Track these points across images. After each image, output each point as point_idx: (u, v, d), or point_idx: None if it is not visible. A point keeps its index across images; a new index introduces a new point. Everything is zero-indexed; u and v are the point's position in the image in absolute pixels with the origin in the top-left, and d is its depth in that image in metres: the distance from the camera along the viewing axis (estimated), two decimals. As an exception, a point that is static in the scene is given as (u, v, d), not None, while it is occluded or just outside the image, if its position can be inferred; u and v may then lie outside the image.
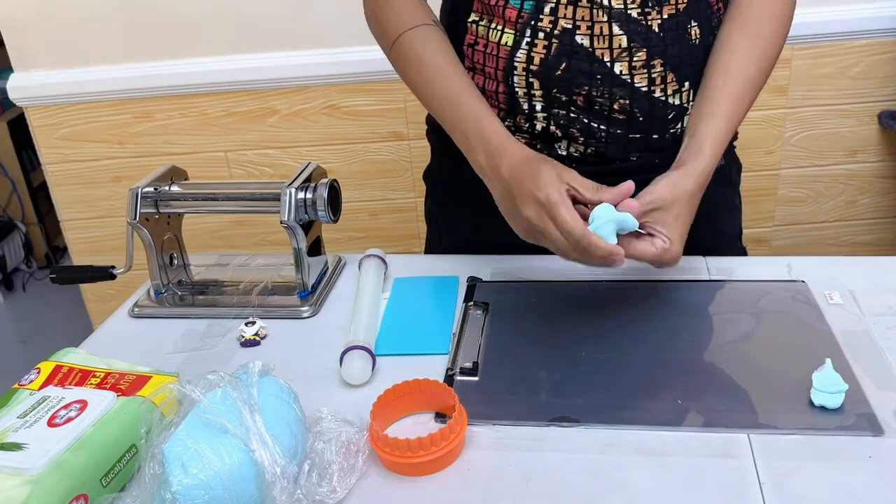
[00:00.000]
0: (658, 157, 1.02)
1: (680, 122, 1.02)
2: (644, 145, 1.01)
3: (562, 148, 1.03)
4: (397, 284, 1.07)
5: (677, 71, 0.98)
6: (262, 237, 2.08)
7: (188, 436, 0.66)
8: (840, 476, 0.70)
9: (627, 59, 0.96)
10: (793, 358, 0.85)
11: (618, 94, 0.97)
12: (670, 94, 0.99)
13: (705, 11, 0.99)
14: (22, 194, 3.21)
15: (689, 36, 0.98)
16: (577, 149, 1.02)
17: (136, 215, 1.03)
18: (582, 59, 0.96)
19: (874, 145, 1.95)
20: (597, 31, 0.95)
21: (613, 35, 0.95)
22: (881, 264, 1.03)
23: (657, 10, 0.95)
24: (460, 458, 0.75)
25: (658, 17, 0.96)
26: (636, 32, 0.95)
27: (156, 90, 1.91)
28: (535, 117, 1.01)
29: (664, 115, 1.00)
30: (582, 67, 0.96)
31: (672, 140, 1.02)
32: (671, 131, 1.02)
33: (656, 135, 1.01)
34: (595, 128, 1.00)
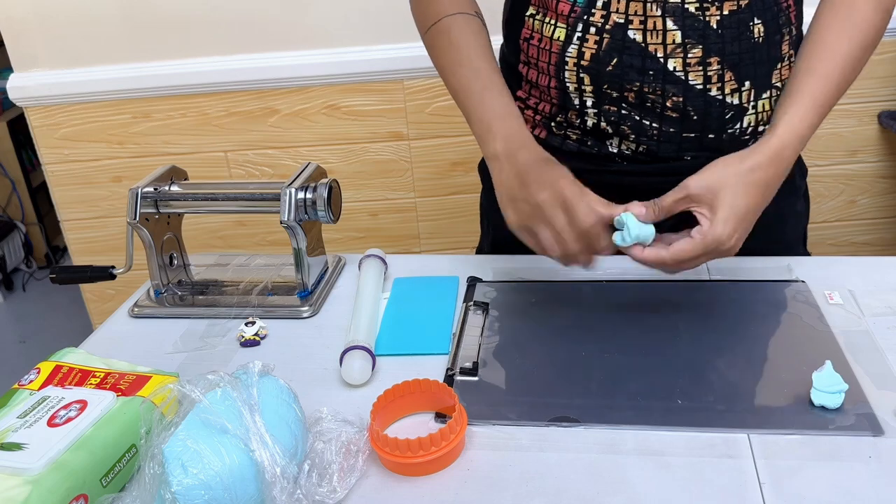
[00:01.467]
0: (714, 158, 0.97)
1: (739, 122, 0.98)
2: (699, 144, 0.98)
3: (613, 145, 1.01)
4: (397, 284, 1.07)
5: (736, 69, 0.95)
6: (262, 237, 2.08)
7: (188, 436, 0.66)
8: (840, 476, 0.70)
9: (682, 56, 0.93)
10: (793, 358, 0.85)
11: (671, 91, 0.95)
12: (728, 93, 0.96)
13: (772, 9, 0.96)
14: (22, 194, 3.21)
15: (751, 33, 0.94)
16: (628, 146, 1.00)
17: (135, 215, 1.03)
18: (634, 55, 0.94)
19: (874, 145, 1.95)
20: (650, 25, 0.93)
21: (667, 30, 0.93)
22: (881, 264, 1.03)
23: (717, 5, 0.92)
24: (460, 458, 0.75)
25: (717, 13, 0.93)
26: (692, 28, 0.93)
27: (156, 90, 1.91)
28: (586, 113, 1.00)
29: (721, 114, 0.97)
30: (634, 63, 0.94)
31: (730, 140, 0.99)
32: (729, 131, 0.98)
33: (712, 134, 0.98)
34: (647, 125, 0.98)
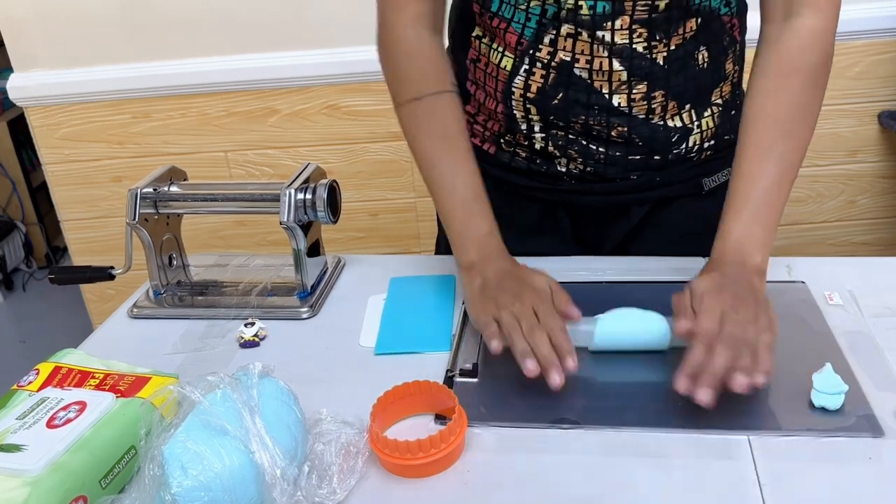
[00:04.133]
0: (659, 176, 1.03)
1: (684, 142, 1.01)
2: (644, 165, 1.01)
3: (561, 165, 1.02)
4: (394, 284, 1.07)
5: (679, 98, 0.97)
6: (262, 237, 2.08)
7: (188, 437, 0.66)
8: (840, 477, 0.70)
9: (626, 92, 0.95)
10: (793, 359, 0.85)
11: (615, 123, 0.97)
12: (669, 118, 0.98)
13: (717, 32, 0.97)
14: (22, 194, 3.21)
15: (695, 62, 0.97)
16: (576, 167, 1.02)
17: (135, 216, 1.03)
18: (580, 91, 0.95)
19: (874, 145, 1.95)
20: (596, 65, 0.94)
21: (613, 70, 0.94)
22: (881, 265, 1.03)
23: (664, 42, 0.93)
24: (460, 459, 0.75)
25: (665, 49, 0.94)
26: (639, 67, 0.94)
27: (156, 90, 1.91)
28: (533, 137, 1.01)
29: (666, 138, 0.99)
30: (579, 98, 0.96)
31: (676, 159, 1.01)
32: (674, 151, 1.01)
33: (658, 156, 1.00)
34: (593, 150, 0.99)
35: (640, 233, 1.08)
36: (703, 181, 1.05)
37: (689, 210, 1.07)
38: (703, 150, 1.03)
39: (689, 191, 1.05)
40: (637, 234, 1.08)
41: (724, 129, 1.03)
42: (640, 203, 1.06)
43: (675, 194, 1.05)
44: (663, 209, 1.07)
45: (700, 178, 1.05)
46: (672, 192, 1.05)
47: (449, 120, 0.97)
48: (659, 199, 1.06)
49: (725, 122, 1.03)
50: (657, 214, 1.07)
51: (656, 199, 1.06)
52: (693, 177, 1.04)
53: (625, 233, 1.09)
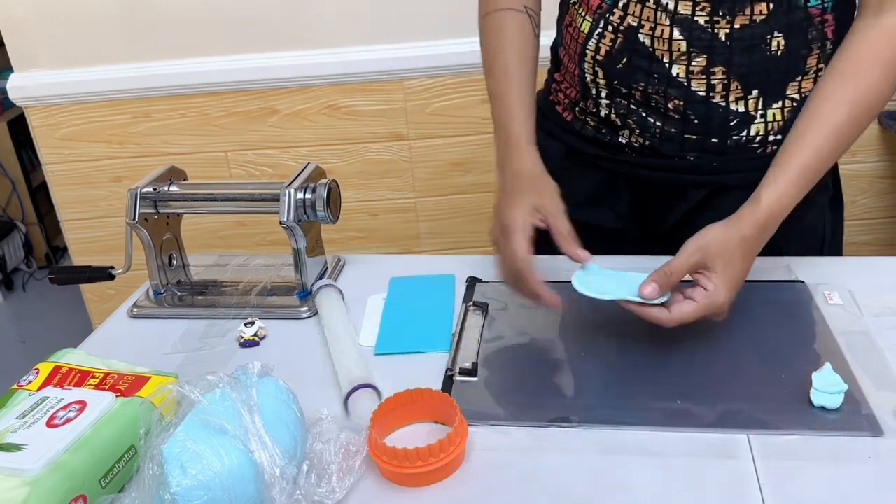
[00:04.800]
0: (717, 161, 1.02)
1: (745, 129, 0.99)
2: (701, 146, 1.00)
3: (623, 136, 1.04)
4: (394, 284, 1.07)
5: (744, 80, 0.96)
6: (262, 237, 2.08)
7: (187, 437, 0.66)
8: (839, 476, 0.70)
9: (686, 63, 0.96)
10: (792, 358, 0.85)
11: (672, 95, 0.98)
12: (732, 101, 0.97)
13: (800, 24, 0.95)
14: (22, 194, 3.21)
15: (767, 46, 0.95)
16: (636, 139, 1.03)
17: (135, 216, 1.03)
18: (642, 57, 0.98)
19: (874, 145, 1.95)
20: (658, 32, 0.95)
21: (673, 39, 0.95)
22: (881, 264, 1.03)
23: (728, 18, 0.93)
24: (459, 458, 0.75)
25: (728, 26, 0.94)
26: (698, 39, 0.94)
27: (155, 90, 1.91)
28: (600, 104, 1.04)
29: (724, 120, 0.98)
30: (641, 65, 0.98)
31: (735, 146, 1.00)
32: (734, 137, 1.00)
33: (715, 139, 1.00)
34: (651, 122, 1.01)
35: (697, 218, 1.03)
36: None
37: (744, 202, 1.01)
38: (767, 143, 1.00)
39: (748, 182, 0.95)
40: (694, 218, 1.05)
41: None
42: (697, 186, 1.05)
43: (733, 183, 1.02)
44: (722, 197, 1.04)
45: (761, 171, 0.94)
46: (730, 180, 1.02)
47: (505, 30, 1.04)
48: (717, 186, 1.04)
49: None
50: (715, 201, 1.05)
51: (714, 185, 1.04)
52: (753, 169, 0.95)
53: (681, 215, 1.08)
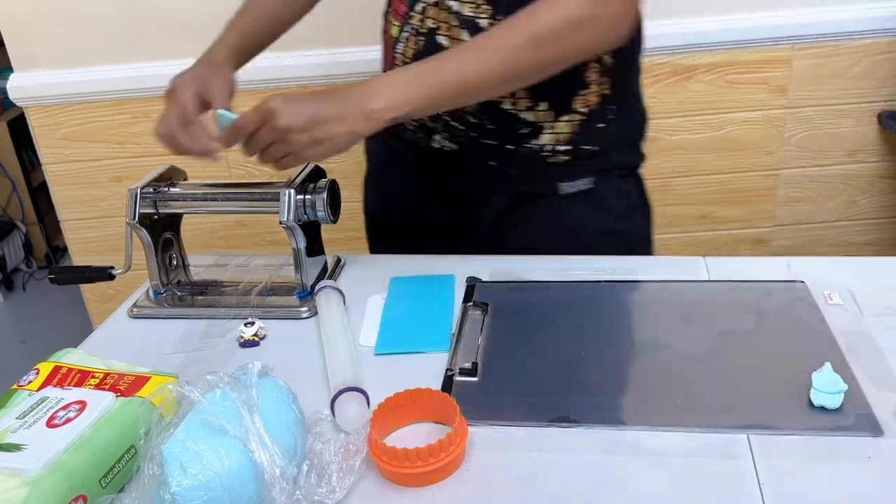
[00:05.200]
0: (514, 168, 1.06)
1: (535, 138, 1.03)
2: (498, 152, 1.03)
3: (436, 141, 1.08)
4: (394, 283, 1.07)
5: (531, 89, 0.99)
6: (262, 237, 2.08)
7: (187, 436, 0.66)
8: (839, 476, 0.70)
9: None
10: (792, 358, 0.85)
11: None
12: (522, 110, 1.01)
13: None
14: (22, 194, 3.21)
15: None
16: (446, 145, 1.08)
17: (135, 216, 1.03)
18: None
19: (874, 145, 1.95)
20: (452, 33, 0.99)
21: (463, 40, 0.98)
22: (881, 264, 1.03)
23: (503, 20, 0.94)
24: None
25: None
26: None
27: (156, 90, 1.88)
28: None
29: (516, 129, 1.02)
30: None
31: (530, 154, 1.04)
32: (525, 145, 1.04)
33: (510, 145, 1.03)
34: (455, 126, 1.05)
35: (504, 225, 1.11)
36: (559, 184, 1.07)
37: (544, 209, 1.09)
38: (557, 154, 1.05)
39: (545, 190, 1.07)
40: (502, 224, 1.11)
41: (584, 138, 1.05)
42: (500, 192, 1.10)
43: (530, 190, 1.08)
44: (524, 205, 1.10)
45: (557, 181, 1.07)
46: (528, 187, 1.08)
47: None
48: (517, 195, 1.09)
49: (587, 133, 1.05)
50: (519, 209, 1.10)
51: (514, 193, 1.09)
52: (549, 177, 1.06)
53: (491, 221, 1.12)
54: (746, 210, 2.02)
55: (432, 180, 1.14)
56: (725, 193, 1.99)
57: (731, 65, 1.85)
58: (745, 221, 2.04)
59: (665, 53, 1.83)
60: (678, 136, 1.92)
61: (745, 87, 1.87)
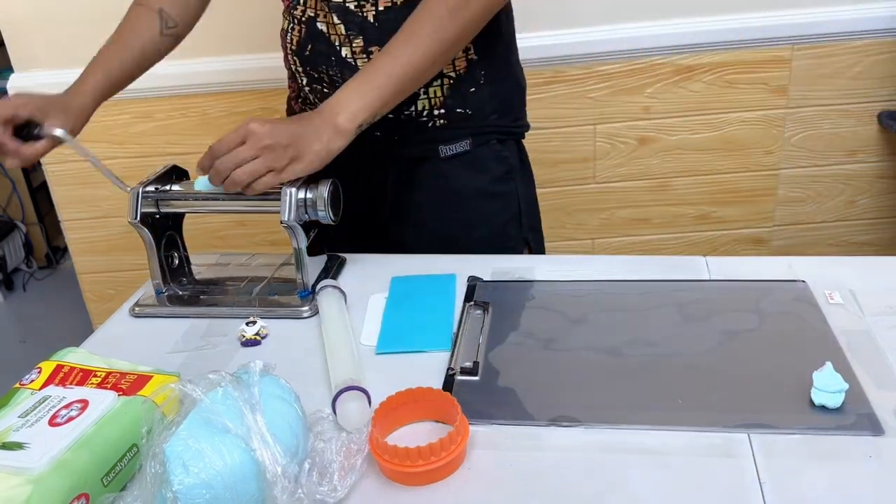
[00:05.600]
0: (397, 134, 1.14)
1: (413, 105, 1.11)
2: (381, 123, 1.07)
3: None
4: (395, 283, 1.07)
5: None
6: (262, 237, 2.08)
7: (189, 435, 0.66)
8: (840, 476, 0.70)
9: (349, 45, 1.08)
10: (793, 357, 0.85)
11: (347, 75, 1.06)
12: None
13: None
14: (22, 194, 3.21)
15: None
16: None
17: (136, 215, 1.03)
18: (322, 43, 1.10)
19: (874, 145, 1.95)
20: (327, 19, 1.08)
21: (335, 23, 1.08)
22: (881, 264, 1.03)
23: (372, 2, 1.05)
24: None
25: (373, 9, 1.05)
26: (353, 22, 1.06)
27: (156, 90, 1.91)
28: (304, 90, 1.18)
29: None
30: (322, 50, 1.10)
31: (409, 121, 1.12)
32: (406, 113, 1.11)
33: (390, 114, 1.09)
34: None
35: (404, 191, 1.18)
36: (439, 147, 1.15)
37: (429, 173, 1.16)
38: (434, 118, 1.12)
39: (428, 153, 1.15)
40: (402, 192, 1.19)
41: (456, 101, 1.12)
42: (393, 161, 1.17)
43: (415, 155, 1.16)
44: (413, 169, 1.17)
45: (436, 143, 1.14)
46: (413, 152, 1.15)
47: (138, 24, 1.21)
48: (406, 161, 1.16)
49: (459, 96, 1.12)
50: (406, 176, 1.17)
51: (403, 160, 1.16)
52: (429, 141, 1.14)
53: (392, 189, 1.19)
54: (746, 210, 2.03)
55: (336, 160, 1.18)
56: (725, 193, 2.00)
57: (730, 65, 1.85)
58: (745, 221, 2.04)
59: (665, 53, 1.83)
60: (678, 136, 1.93)
61: (745, 87, 1.87)
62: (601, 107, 1.90)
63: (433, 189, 1.17)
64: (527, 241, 1.24)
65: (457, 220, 1.17)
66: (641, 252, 2.07)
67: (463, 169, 1.15)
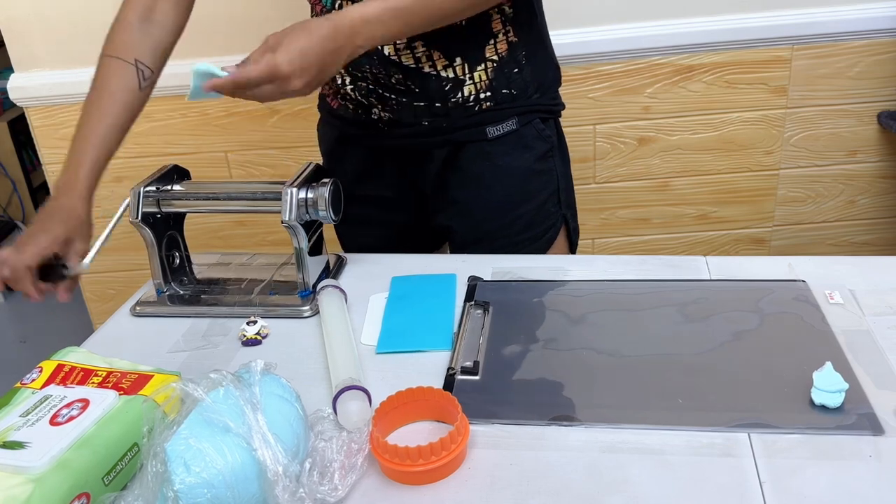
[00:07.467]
0: (445, 122, 1.14)
1: (459, 91, 1.12)
2: (429, 111, 1.13)
3: (374, 114, 1.17)
4: (395, 283, 1.07)
5: (444, 49, 1.09)
6: (262, 237, 2.08)
7: (190, 434, 0.67)
8: (840, 475, 0.70)
9: (392, 43, 1.08)
10: (793, 357, 0.85)
11: (392, 71, 1.10)
12: (441, 69, 1.10)
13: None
14: (22, 194, 3.21)
15: None
16: (384, 114, 1.16)
17: (137, 214, 1.04)
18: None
19: (874, 145, 1.95)
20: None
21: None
22: (881, 264, 1.03)
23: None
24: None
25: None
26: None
27: (156, 90, 1.90)
28: (346, 88, 1.17)
29: (439, 86, 1.11)
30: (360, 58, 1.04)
31: (456, 107, 1.13)
32: (452, 100, 1.12)
33: (438, 103, 1.12)
34: (388, 97, 1.14)
35: (446, 175, 1.20)
36: (486, 129, 1.16)
37: (475, 154, 1.17)
38: (480, 101, 1.13)
39: (475, 136, 1.16)
40: (444, 176, 1.20)
41: (501, 83, 1.14)
42: (439, 146, 1.17)
43: (463, 139, 1.16)
44: (459, 153, 1.18)
45: (484, 125, 1.15)
46: (460, 136, 1.16)
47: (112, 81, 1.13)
48: (452, 144, 1.17)
49: (503, 78, 1.14)
50: (455, 158, 1.18)
51: (449, 144, 1.17)
52: (476, 124, 1.15)
53: (435, 174, 1.20)
54: (746, 210, 2.02)
55: (377, 152, 1.23)
56: (725, 193, 2.00)
57: (730, 65, 1.85)
58: (745, 221, 2.04)
59: (665, 53, 1.83)
60: (678, 136, 1.93)
61: (745, 87, 1.87)
62: (601, 107, 1.90)
63: (478, 170, 1.18)
64: (565, 218, 1.25)
65: (501, 199, 1.18)
66: (641, 252, 2.07)
67: (510, 147, 1.16)
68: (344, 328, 0.95)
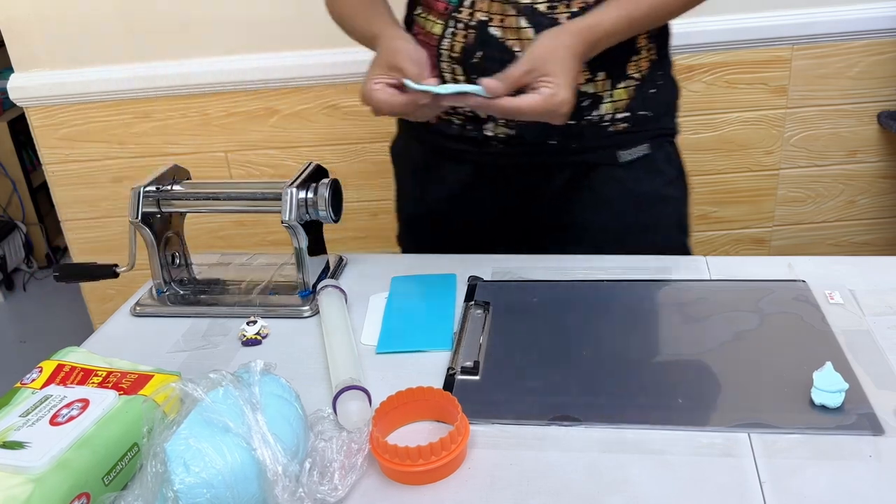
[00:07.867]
0: (576, 142, 1.08)
1: (596, 109, 1.06)
2: (560, 130, 1.03)
3: (489, 129, 1.09)
4: (395, 283, 1.07)
5: (589, 64, 1.02)
6: (262, 237, 2.08)
7: (190, 434, 0.67)
8: (840, 475, 0.70)
9: None
10: (793, 357, 0.85)
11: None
12: (582, 83, 1.04)
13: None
14: (22, 194, 3.21)
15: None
16: (501, 131, 1.08)
17: (138, 214, 1.03)
18: (495, 49, 1.02)
19: (874, 145, 1.95)
20: (507, 23, 1.01)
21: (521, 28, 1.01)
22: (881, 264, 1.03)
23: (566, 3, 1.00)
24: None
25: (566, 10, 1.00)
26: (541, 25, 0.99)
27: (156, 90, 1.91)
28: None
29: (577, 102, 1.01)
30: (494, 56, 1.02)
31: (590, 126, 1.07)
32: (587, 118, 1.06)
33: (572, 120, 1.03)
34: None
35: (565, 200, 1.14)
36: (617, 153, 1.10)
37: (606, 178, 1.11)
38: (616, 121, 1.08)
39: (605, 160, 1.10)
40: (561, 201, 1.14)
41: (639, 104, 1.08)
42: (561, 168, 1.11)
43: (591, 161, 1.10)
44: (583, 177, 1.12)
45: (615, 149, 1.09)
46: (588, 158, 1.10)
47: None
48: (578, 166, 1.11)
49: (642, 98, 1.08)
50: (578, 182, 1.12)
51: (575, 165, 1.11)
52: (608, 146, 1.09)
53: (547, 199, 1.14)
54: (746, 210, 2.02)
55: (478, 170, 1.15)
56: (725, 193, 2.00)
57: (730, 65, 1.85)
58: (745, 221, 2.04)
59: (665, 53, 1.83)
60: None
61: (745, 87, 1.87)
62: (601, 107, 1.90)
63: (606, 195, 1.12)
64: (685, 247, 1.19)
65: (629, 227, 1.12)
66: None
67: (640, 173, 1.10)
68: (344, 328, 0.95)
